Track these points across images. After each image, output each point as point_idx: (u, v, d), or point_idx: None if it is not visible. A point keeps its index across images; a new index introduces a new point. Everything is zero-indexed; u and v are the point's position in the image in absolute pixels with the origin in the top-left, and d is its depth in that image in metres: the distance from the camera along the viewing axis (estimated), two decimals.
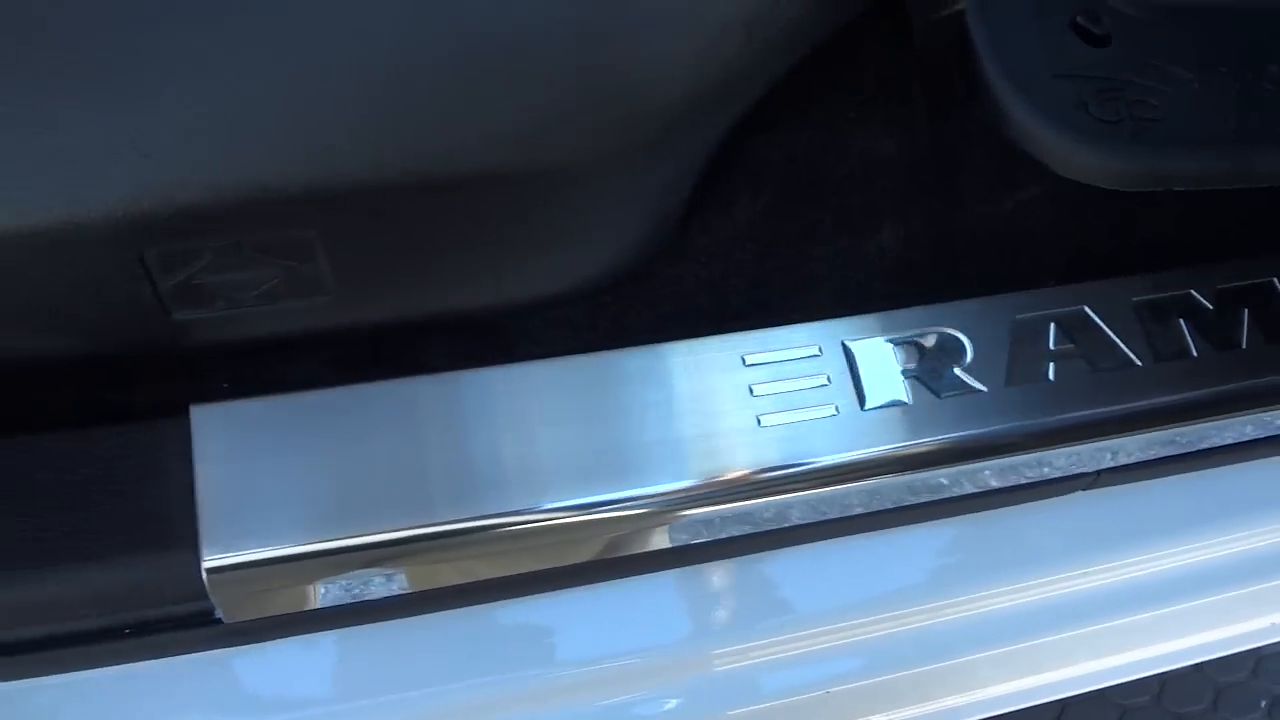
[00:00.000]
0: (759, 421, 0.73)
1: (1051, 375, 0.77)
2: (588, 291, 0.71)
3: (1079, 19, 0.84)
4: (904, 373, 0.75)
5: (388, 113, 0.60)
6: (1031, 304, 0.79)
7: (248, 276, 0.63)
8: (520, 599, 0.77)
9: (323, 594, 0.68)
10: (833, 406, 0.74)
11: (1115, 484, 0.81)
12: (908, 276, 0.77)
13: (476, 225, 0.65)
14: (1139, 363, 0.78)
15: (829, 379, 0.75)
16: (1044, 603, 0.82)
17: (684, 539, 0.70)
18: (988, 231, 0.80)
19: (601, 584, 0.76)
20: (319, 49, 0.59)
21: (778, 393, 0.74)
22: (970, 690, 0.90)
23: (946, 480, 0.76)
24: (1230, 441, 0.81)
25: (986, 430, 0.75)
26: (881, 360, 0.75)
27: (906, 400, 0.75)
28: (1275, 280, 0.83)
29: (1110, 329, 0.79)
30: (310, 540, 0.65)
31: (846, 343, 0.76)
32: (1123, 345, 0.79)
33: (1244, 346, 0.81)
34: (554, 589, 0.77)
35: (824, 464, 0.72)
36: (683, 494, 0.71)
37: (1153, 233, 0.84)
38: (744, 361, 0.74)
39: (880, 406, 0.74)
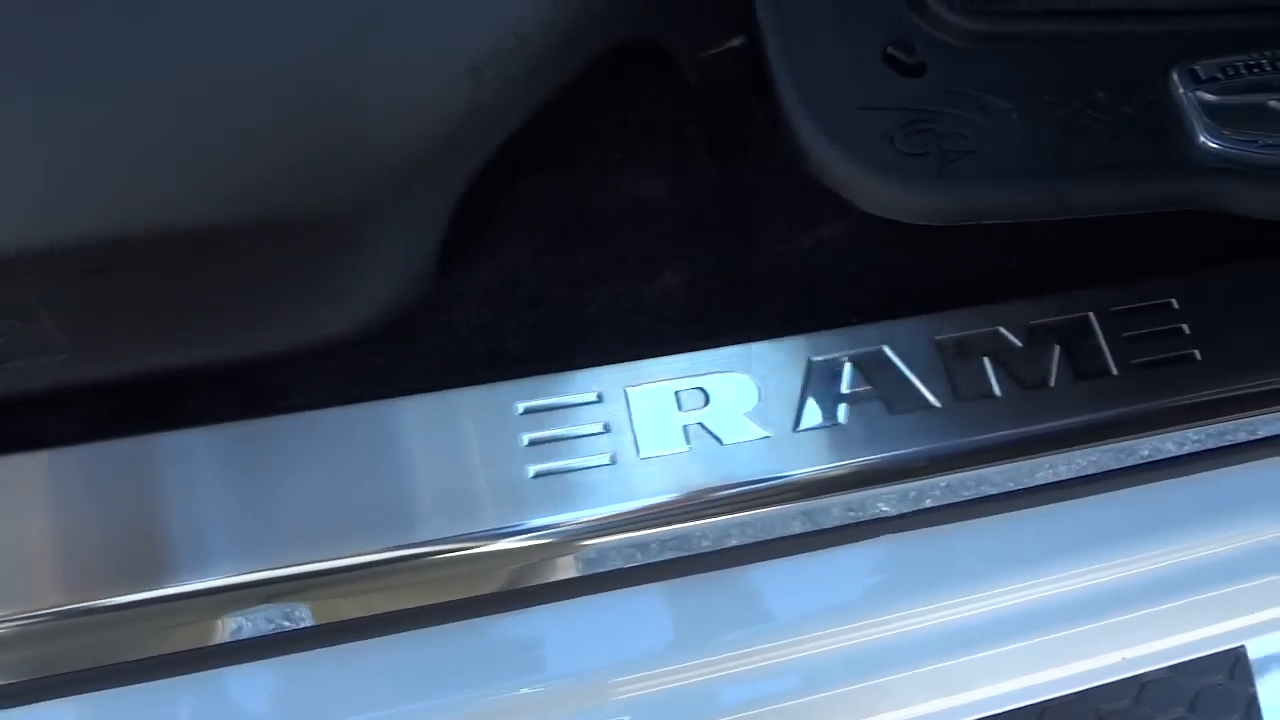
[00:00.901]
0: (530, 473, 0.71)
1: (843, 418, 0.75)
2: (348, 342, 0.69)
3: (890, 49, 0.82)
4: (685, 420, 0.73)
5: (98, 169, 0.58)
6: (828, 345, 0.77)
7: None
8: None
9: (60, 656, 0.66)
10: (609, 455, 0.72)
11: (918, 527, 0.79)
12: (698, 319, 0.75)
13: (212, 279, 0.63)
14: (936, 404, 0.76)
15: (606, 427, 0.73)
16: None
17: (435, 599, 0.69)
18: (787, 271, 0.78)
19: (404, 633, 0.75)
20: (22, 105, 0.57)
21: (552, 441, 0.72)
22: None
23: (734, 530, 0.74)
24: (1039, 483, 0.79)
25: (770, 478, 0.73)
26: (662, 407, 0.73)
27: (685, 448, 0.73)
28: (1091, 315, 0.81)
29: (908, 370, 0.77)
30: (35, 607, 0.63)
31: (627, 389, 0.74)
32: (920, 386, 0.77)
33: (1052, 385, 0.79)
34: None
35: (595, 517, 0.70)
36: (448, 548, 0.70)
37: (966, 268, 0.81)
38: (519, 410, 0.72)
39: (658, 455, 0.72)
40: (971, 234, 0.81)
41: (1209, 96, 0.88)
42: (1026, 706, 0.92)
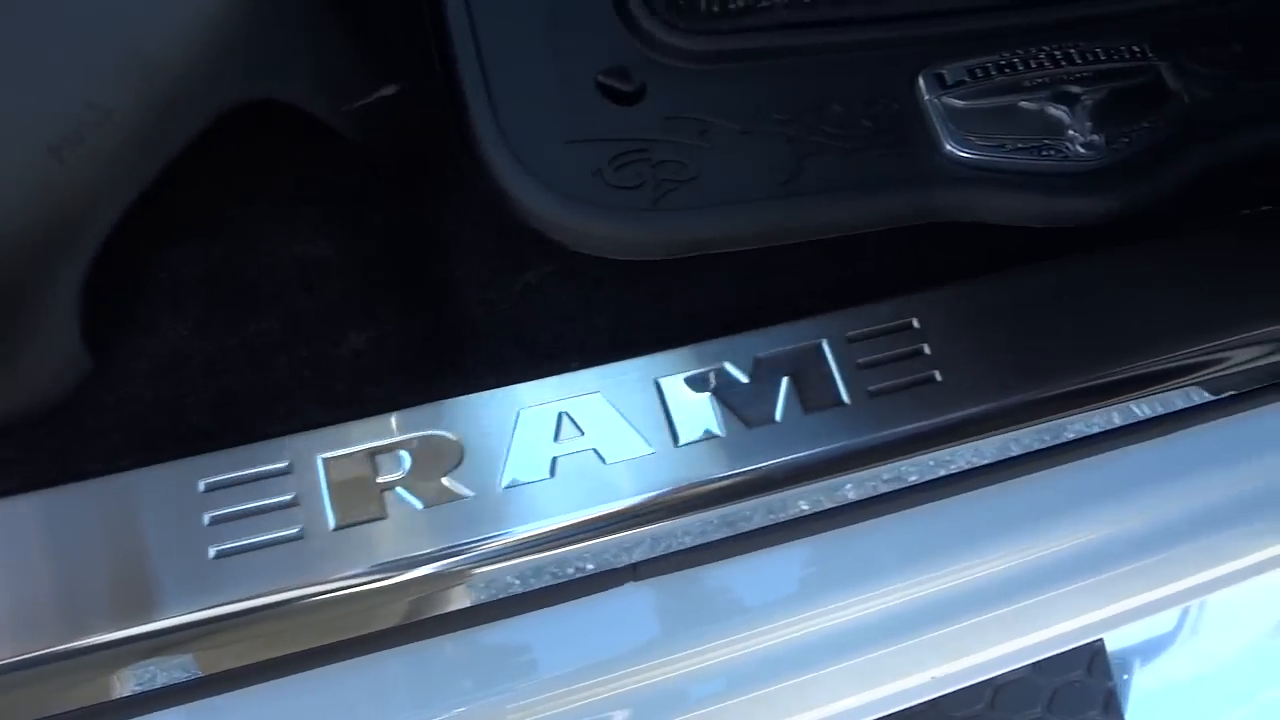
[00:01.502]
0: (211, 554, 0.67)
1: (554, 472, 0.72)
2: (9, 427, 0.65)
3: (603, 77, 0.79)
4: (384, 485, 0.70)
5: None
6: (541, 394, 0.74)
7: None
8: None
9: None
10: (298, 529, 0.69)
11: (660, 573, 0.76)
12: (400, 377, 0.72)
13: None
14: (652, 449, 0.73)
15: (296, 499, 0.69)
16: None
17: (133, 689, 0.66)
18: (495, 319, 0.75)
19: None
20: None
21: (237, 518, 0.68)
22: None
23: (448, 594, 0.71)
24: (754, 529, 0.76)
25: (474, 539, 0.70)
26: (357, 474, 0.70)
27: (384, 515, 0.70)
28: (824, 343, 0.78)
29: (625, 415, 0.74)
30: None
31: (320, 457, 0.70)
32: (638, 432, 0.74)
33: (778, 420, 0.76)
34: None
35: (282, 597, 0.67)
36: (132, 640, 0.66)
37: (691, 303, 0.78)
38: (200, 487, 0.69)
39: (350, 525, 0.69)
40: (699, 266, 0.78)
41: (956, 102, 0.85)
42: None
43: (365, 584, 0.68)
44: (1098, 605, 0.95)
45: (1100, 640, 1.41)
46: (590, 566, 0.76)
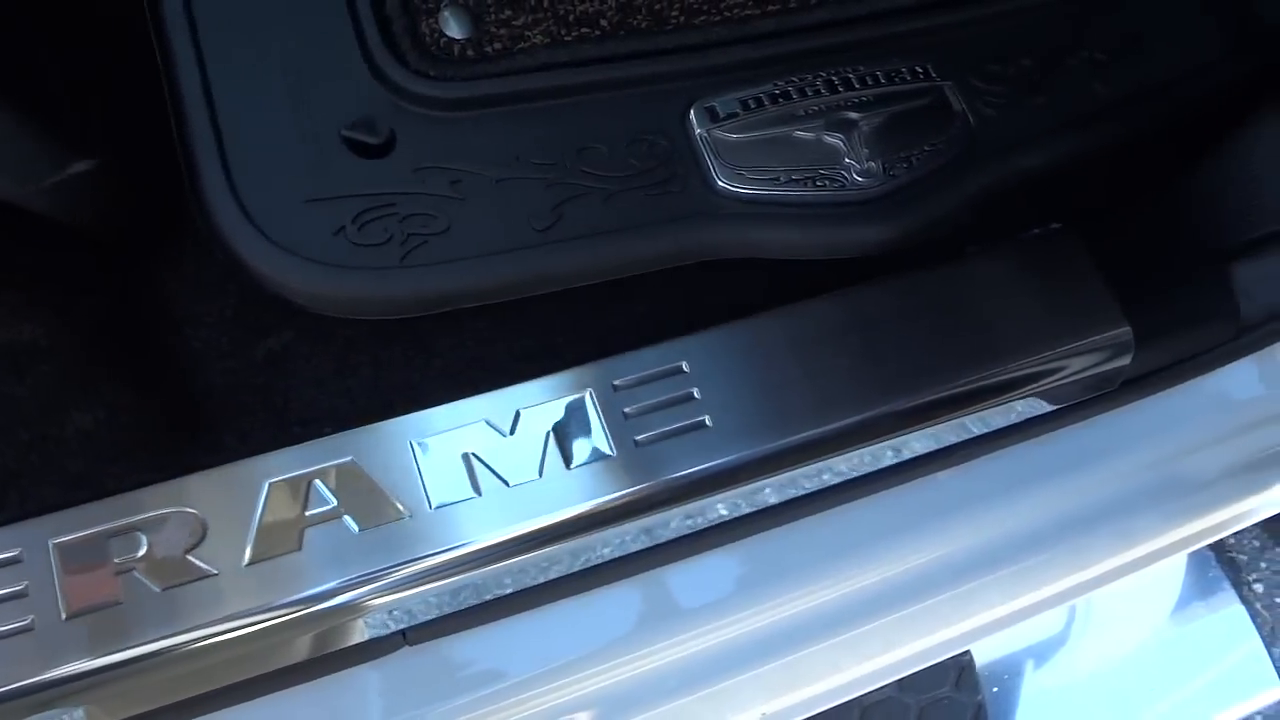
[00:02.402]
0: None
1: (301, 544, 0.70)
2: None
3: (347, 131, 0.77)
4: (120, 567, 0.68)
5: None
6: (290, 463, 0.72)
7: None
8: None
9: None
10: (29, 619, 0.67)
11: (431, 638, 0.74)
12: (140, 453, 0.70)
13: None
14: (407, 514, 0.72)
15: (27, 589, 0.67)
16: None
17: None
18: (238, 388, 0.73)
19: None
20: None
21: None
22: None
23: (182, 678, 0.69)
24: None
25: (216, 617, 0.68)
26: (92, 559, 0.68)
27: (119, 600, 0.68)
28: (589, 394, 0.77)
29: (379, 480, 0.72)
30: None
31: (51, 542, 0.68)
32: (392, 497, 0.72)
33: (541, 476, 0.74)
34: None
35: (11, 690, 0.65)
36: None
37: (451, 359, 0.77)
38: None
39: (83, 613, 0.67)
40: (455, 320, 0.76)
41: (728, 135, 0.84)
42: None
43: (98, 671, 0.66)
44: (957, 619, 0.94)
45: (968, 654, 1.41)
46: (358, 638, 0.74)
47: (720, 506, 0.92)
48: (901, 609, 0.90)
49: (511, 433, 0.75)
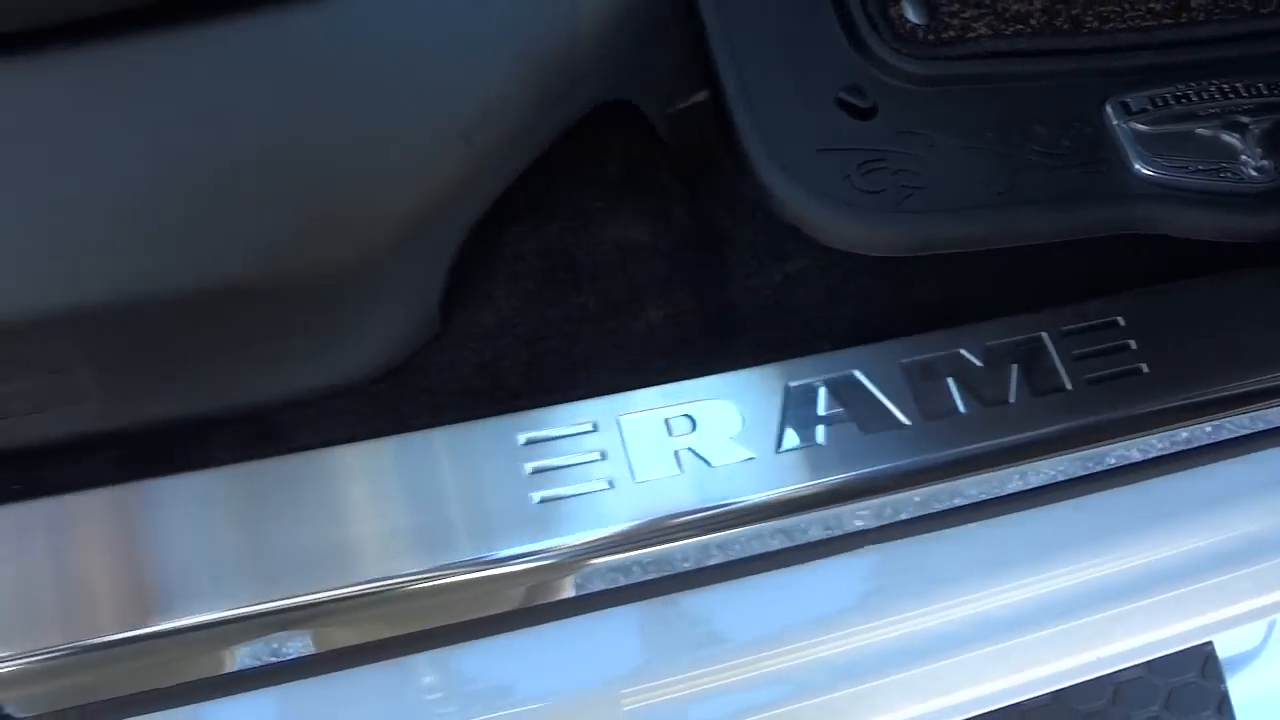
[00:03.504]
0: (535, 499, 0.76)
1: (821, 439, 0.81)
2: (358, 383, 0.74)
3: (842, 94, 0.89)
4: (676, 445, 0.79)
5: (130, 237, 0.63)
6: (803, 370, 0.83)
7: (12, 388, 0.66)
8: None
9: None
10: (606, 481, 0.77)
11: (894, 539, 0.84)
12: (681, 351, 0.81)
13: (234, 330, 0.68)
14: (907, 422, 0.82)
15: (603, 454, 0.78)
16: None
17: (447, 621, 0.73)
18: (759, 304, 0.84)
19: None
20: (65, 186, 0.62)
21: (553, 469, 0.77)
22: None
23: (719, 546, 0.79)
24: (1004, 493, 0.84)
25: (757, 497, 0.78)
26: (654, 434, 0.79)
27: (678, 471, 0.78)
28: (1044, 336, 0.88)
29: (880, 392, 0.83)
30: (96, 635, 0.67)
31: (620, 418, 0.79)
32: (891, 407, 0.83)
33: (1011, 402, 0.85)
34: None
35: (597, 538, 0.75)
36: (458, 571, 0.74)
37: (927, 295, 0.88)
38: (521, 441, 0.77)
39: (650, 479, 0.77)
40: (931, 262, 0.87)
41: (1141, 127, 0.95)
42: (1008, 707, 0.97)
43: (667, 532, 0.76)
44: (1206, 608, 1.02)
45: (1210, 644, 1.49)
46: (849, 526, 0.84)
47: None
48: (1150, 596, 0.98)
49: (984, 364, 0.86)
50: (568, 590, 0.76)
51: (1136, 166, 0.94)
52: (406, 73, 0.66)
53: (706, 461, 0.79)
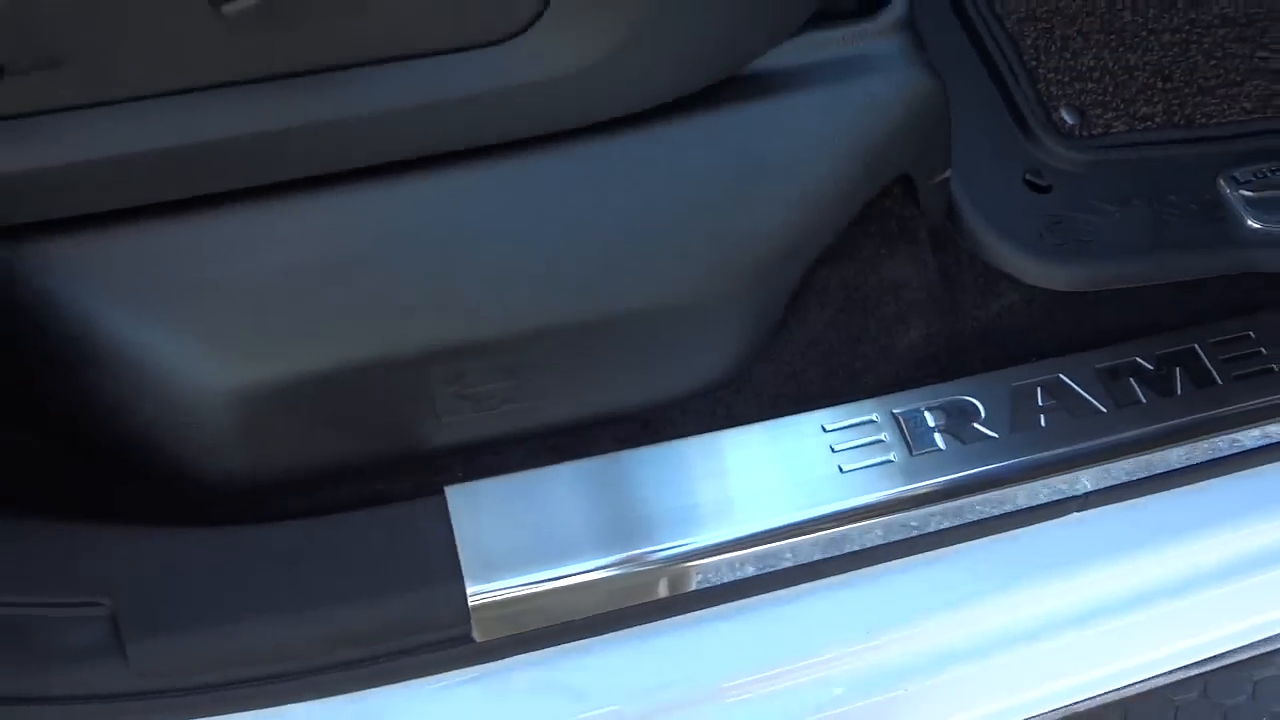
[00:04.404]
0: (840, 469, 1.03)
1: (1043, 423, 1.08)
2: (714, 389, 1.02)
3: (1027, 175, 1.19)
4: (936, 428, 1.06)
5: (579, 277, 0.93)
6: (1022, 375, 1.10)
7: (495, 388, 0.94)
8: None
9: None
10: (890, 454, 1.04)
11: (1099, 505, 1.10)
12: (931, 364, 1.09)
13: (635, 347, 0.97)
14: (1103, 410, 1.09)
15: (885, 438, 1.05)
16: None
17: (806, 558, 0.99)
18: (983, 327, 1.12)
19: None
20: (540, 246, 0.92)
21: (850, 449, 1.04)
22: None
23: (976, 506, 1.05)
24: (1179, 466, 1.11)
25: (1001, 465, 1.05)
26: (920, 421, 1.06)
27: (941, 447, 1.05)
28: (1196, 346, 1.15)
29: (1081, 388, 1.10)
30: (543, 572, 0.94)
31: (894, 411, 1.06)
32: (1090, 398, 1.10)
33: (1179, 393, 1.12)
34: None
35: (888, 497, 1.02)
36: (793, 527, 1.01)
37: (1105, 319, 1.16)
38: (824, 429, 1.05)
39: (923, 453, 1.04)
40: (1106, 295, 1.16)
41: (1248, 193, 1.25)
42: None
43: (948, 491, 1.02)
44: None
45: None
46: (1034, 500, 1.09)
47: None
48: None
49: (1154, 367, 1.13)
50: (869, 540, 1.02)
51: (1248, 222, 1.23)
52: (777, 170, 0.96)
53: (961, 440, 1.06)
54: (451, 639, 0.96)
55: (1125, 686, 1.23)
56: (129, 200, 0.86)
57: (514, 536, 0.96)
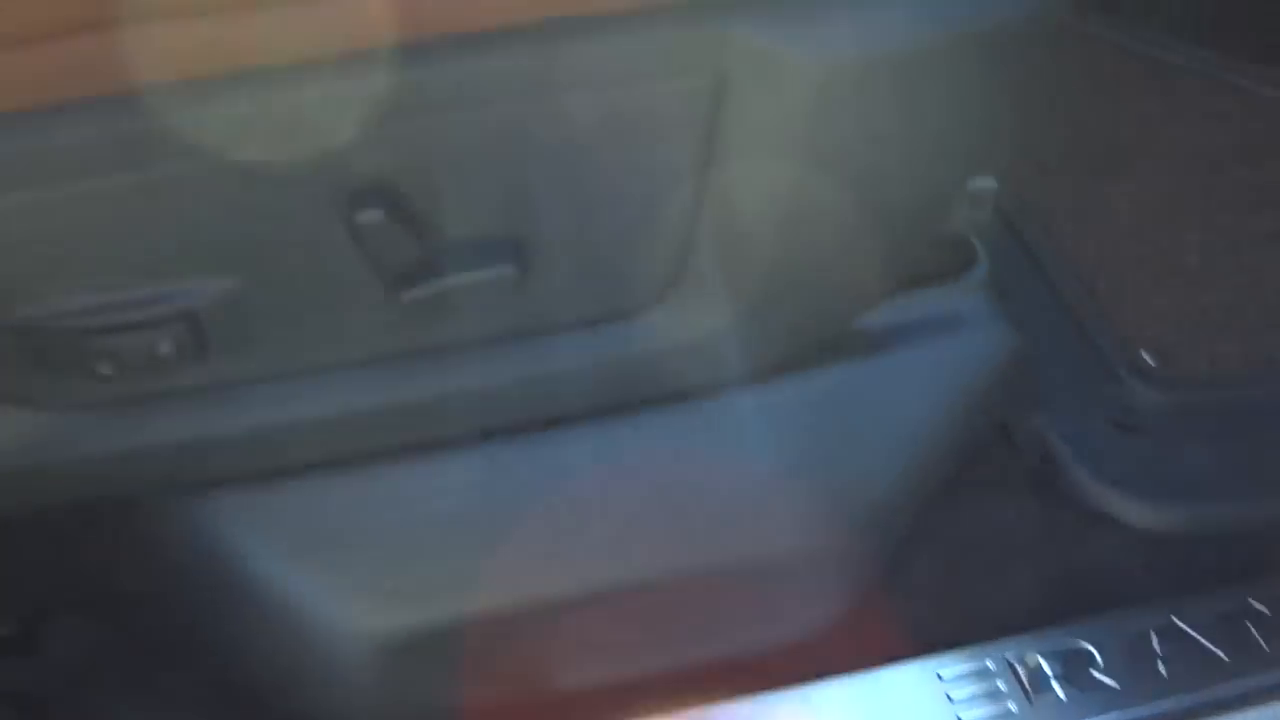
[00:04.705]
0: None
1: (1163, 672, 1.07)
2: (822, 634, 1.03)
3: (1116, 417, 1.22)
4: (1054, 676, 1.05)
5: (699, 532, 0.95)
6: (1133, 618, 1.09)
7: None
8: None
9: None
10: (1010, 704, 1.03)
11: None
12: (1038, 606, 1.09)
13: (749, 597, 0.98)
14: (1224, 657, 1.08)
15: (1002, 686, 1.04)
16: None
17: None
18: (1087, 568, 1.13)
19: None
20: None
21: (969, 698, 1.03)
22: None
23: None
24: None
25: (1123, 713, 1.03)
26: (1036, 669, 1.05)
27: (1062, 697, 1.03)
28: None
29: (1197, 633, 1.09)
30: None
31: (1007, 658, 1.06)
32: (1208, 643, 1.09)
33: None
34: None
35: None
36: None
37: (1207, 557, 1.16)
38: (939, 677, 1.04)
39: (1043, 702, 1.03)
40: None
41: None
42: None
43: None
44: None
45: None
46: None
47: None
48: None
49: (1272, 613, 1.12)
50: None
51: None
52: (882, 422, 1.02)
53: (1079, 689, 1.04)
54: None
55: None
56: (302, 459, 0.91)
57: None
